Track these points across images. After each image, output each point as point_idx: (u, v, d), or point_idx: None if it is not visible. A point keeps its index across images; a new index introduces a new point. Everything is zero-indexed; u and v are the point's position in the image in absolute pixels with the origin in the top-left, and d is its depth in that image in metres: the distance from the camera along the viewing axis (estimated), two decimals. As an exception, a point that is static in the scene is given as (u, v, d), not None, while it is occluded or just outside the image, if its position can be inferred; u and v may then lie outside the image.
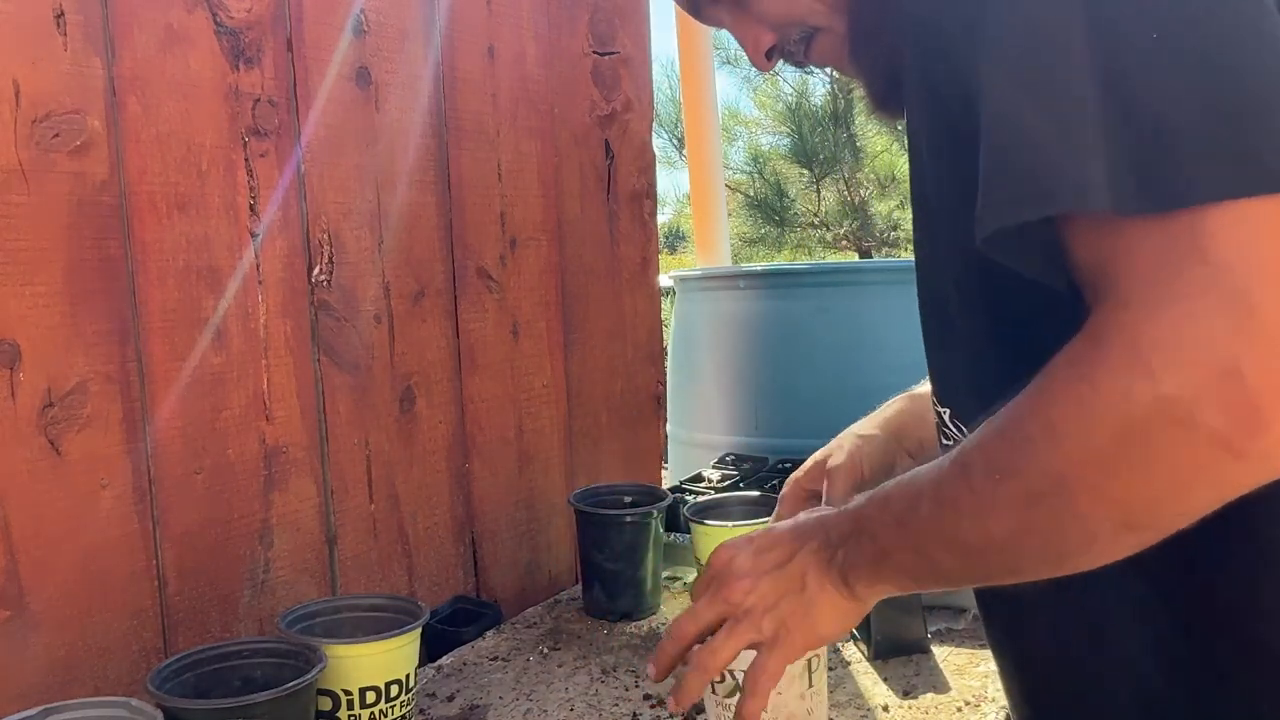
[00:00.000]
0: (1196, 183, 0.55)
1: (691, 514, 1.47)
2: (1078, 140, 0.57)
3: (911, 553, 0.74)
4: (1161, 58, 0.56)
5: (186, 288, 1.20)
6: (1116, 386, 0.57)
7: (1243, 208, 0.54)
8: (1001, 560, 0.68)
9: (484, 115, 1.63)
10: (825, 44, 0.86)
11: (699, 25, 4.03)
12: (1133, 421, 0.56)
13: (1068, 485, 0.60)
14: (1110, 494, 0.59)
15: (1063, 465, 0.60)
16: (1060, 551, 0.64)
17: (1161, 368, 0.55)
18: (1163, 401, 0.55)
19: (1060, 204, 0.58)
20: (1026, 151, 0.59)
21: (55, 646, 1.08)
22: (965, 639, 1.36)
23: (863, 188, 7.34)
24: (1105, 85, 0.57)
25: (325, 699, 1.08)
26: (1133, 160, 0.56)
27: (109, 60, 1.13)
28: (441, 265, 1.55)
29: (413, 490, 1.50)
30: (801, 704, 0.95)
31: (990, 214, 0.61)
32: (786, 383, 2.36)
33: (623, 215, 1.94)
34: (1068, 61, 0.58)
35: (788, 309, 2.41)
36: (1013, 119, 0.60)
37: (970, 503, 0.67)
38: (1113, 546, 0.62)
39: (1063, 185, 0.57)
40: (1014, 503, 0.63)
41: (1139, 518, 0.60)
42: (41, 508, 1.07)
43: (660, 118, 7.23)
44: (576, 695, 1.25)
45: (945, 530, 0.70)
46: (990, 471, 0.65)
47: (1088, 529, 0.61)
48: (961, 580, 0.75)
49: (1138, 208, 0.56)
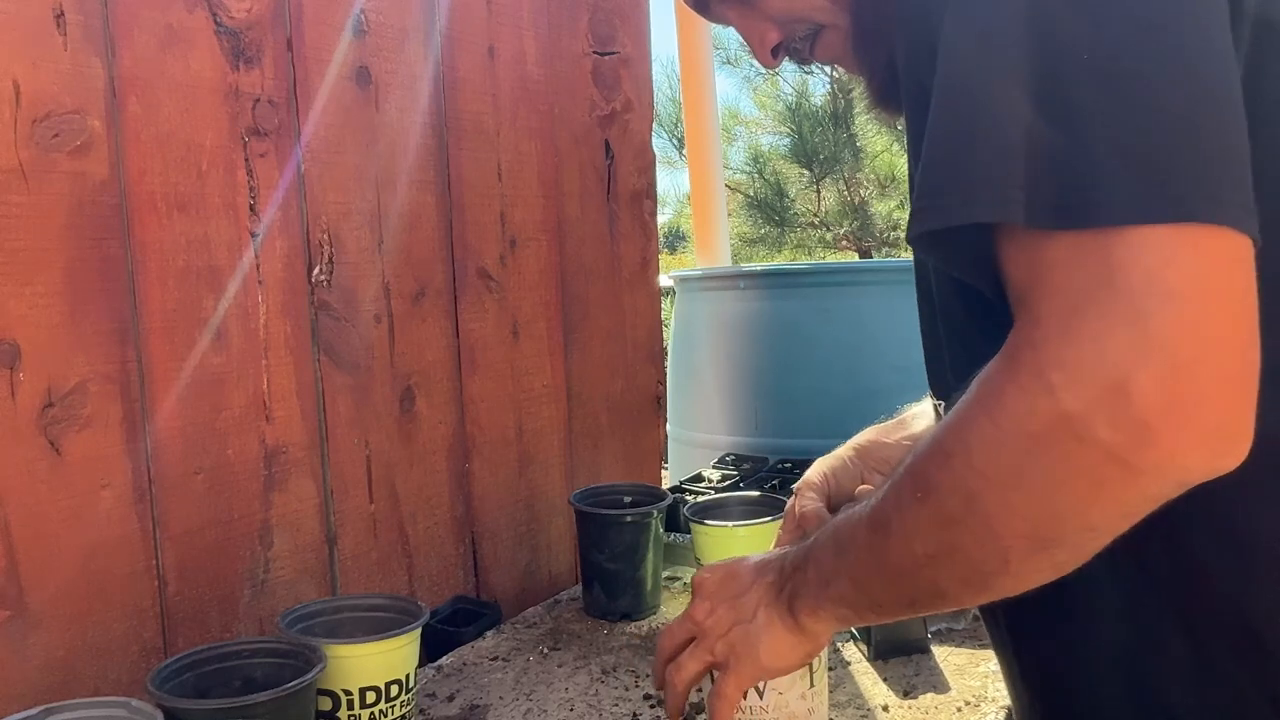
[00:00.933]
0: (1108, 204, 0.56)
1: (691, 514, 1.47)
2: (1004, 152, 0.58)
3: (847, 580, 0.76)
4: (1093, 77, 0.57)
5: (186, 288, 1.20)
6: (1021, 403, 0.58)
7: (1151, 233, 0.55)
8: (928, 583, 0.69)
9: (484, 115, 1.63)
10: (830, 40, 0.87)
11: (699, 25, 4.03)
12: (1035, 437, 0.58)
13: (979, 501, 0.62)
14: (1017, 509, 0.60)
15: (974, 481, 0.62)
16: (980, 571, 0.65)
17: (1061, 385, 0.56)
18: (1061, 417, 0.57)
19: (984, 214, 0.59)
20: (955, 158, 0.60)
21: (55, 646, 1.08)
22: (965, 639, 1.36)
23: (863, 188, 7.34)
24: (1038, 99, 0.58)
25: (325, 699, 1.08)
26: (1054, 176, 0.57)
27: (109, 60, 1.13)
28: (441, 265, 1.55)
29: (413, 490, 1.51)
30: (802, 704, 0.96)
31: (920, 216, 0.62)
32: (786, 383, 2.36)
33: (623, 215, 1.94)
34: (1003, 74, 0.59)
35: (788, 309, 2.42)
36: (948, 125, 0.61)
37: (897, 523, 0.69)
38: (1028, 566, 0.63)
39: (988, 195, 0.59)
40: (933, 521, 0.65)
41: (1047, 533, 0.61)
42: (41, 508, 1.07)
43: (660, 118, 7.24)
44: (576, 695, 1.25)
45: (875, 554, 0.71)
46: (914, 490, 0.66)
47: (1000, 546, 0.62)
48: (893, 607, 0.76)
49: (1054, 223, 0.57)
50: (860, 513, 0.74)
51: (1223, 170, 0.56)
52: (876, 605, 0.76)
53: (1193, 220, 0.55)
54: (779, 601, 0.83)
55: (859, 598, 0.76)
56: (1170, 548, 0.68)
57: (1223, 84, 0.57)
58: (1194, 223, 0.55)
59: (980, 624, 1.40)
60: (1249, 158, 0.57)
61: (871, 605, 0.76)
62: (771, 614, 0.83)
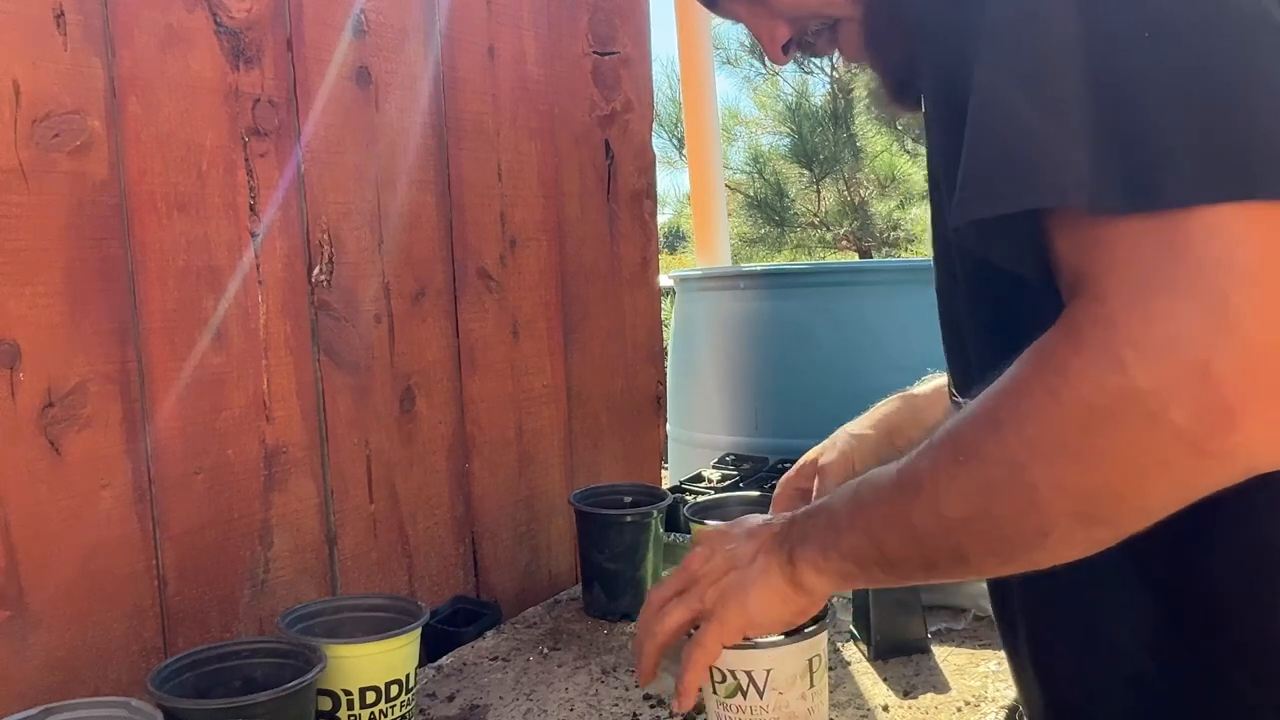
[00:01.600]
0: (1180, 185, 0.55)
1: (691, 514, 1.47)
2: (1062, 136, 0.57)
3: (861, 533, 0.74)
4: (1152, 58, 0.56)
5: (186, 288, 1.20)
6: (1088, 377, 0.57)
7: (1224, 211, 0.54)
8: (950, 547, 0.67)
9: (484, 115, 1.63)
10: (843, 35, 0.86)
11: (699, 25, 4.03)
12: (1101, 412, 0.57)
13: (1027, 472, 0.60)
14: (1070, 484, 0.59)
15: (1025, 452, 0.60)
16: (1012, 542, 0.64)
17: (1134, 362, 0.55)
18: (1133, 394, 0.55)
19: (1040, 199, 0.58)
20: (1010, 144, 0.59)
21: (55, 646, 1.08)
22: (965, 639, 1.36)
23: (863, 188, 7.34)
24: (1094, 82, 0.57)
25: (325, 699, 1.08)
26: (1117, 159, 0.56)
27: (109, 60, 1.13)
28: (441, 265, 1.55)
29: (413, 490, 1.51)
30: (803, 704, 0.95)
31: (967, 204, 0.61)
32: (786, 383, 2.37)
33: (623, 215, 1.94)
34: (1058, 57, 0.58)
35: (788, 309, 2.42)
36: (999, 111, 0.60)
37: (929, 484, 0.67)
38: (1067, 541, 0.62)
39: (1044, 181, 0.58)
40: (972, 485, 0.64)
41: (1097, 511, 0.60)
42: (41, 508, 1.07)
43: (660, 118, 7.24)
44: (576, 695, 1.25)
45: (899, 510, 0.70)
46: (955, 454, 0.65)
47: (1044, 519, 0.61)
48: (906, 567, 0.73)
49: (1120, 207, 0.56)
50: (887, 471, 0.72)
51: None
52: (888, 563, 0.73)
53: (1263, 197, 0.54)
54: (780, 549, 0.80)
55: (872, 552, 0.73)
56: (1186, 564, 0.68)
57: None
58: (1265, 200, 0.54)
59: (980, 624, 1.40)
60: None
61: (883, 562, 0.73)
62: (770, 560, 0.80)
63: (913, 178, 7.18)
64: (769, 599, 0.81)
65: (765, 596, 0.81)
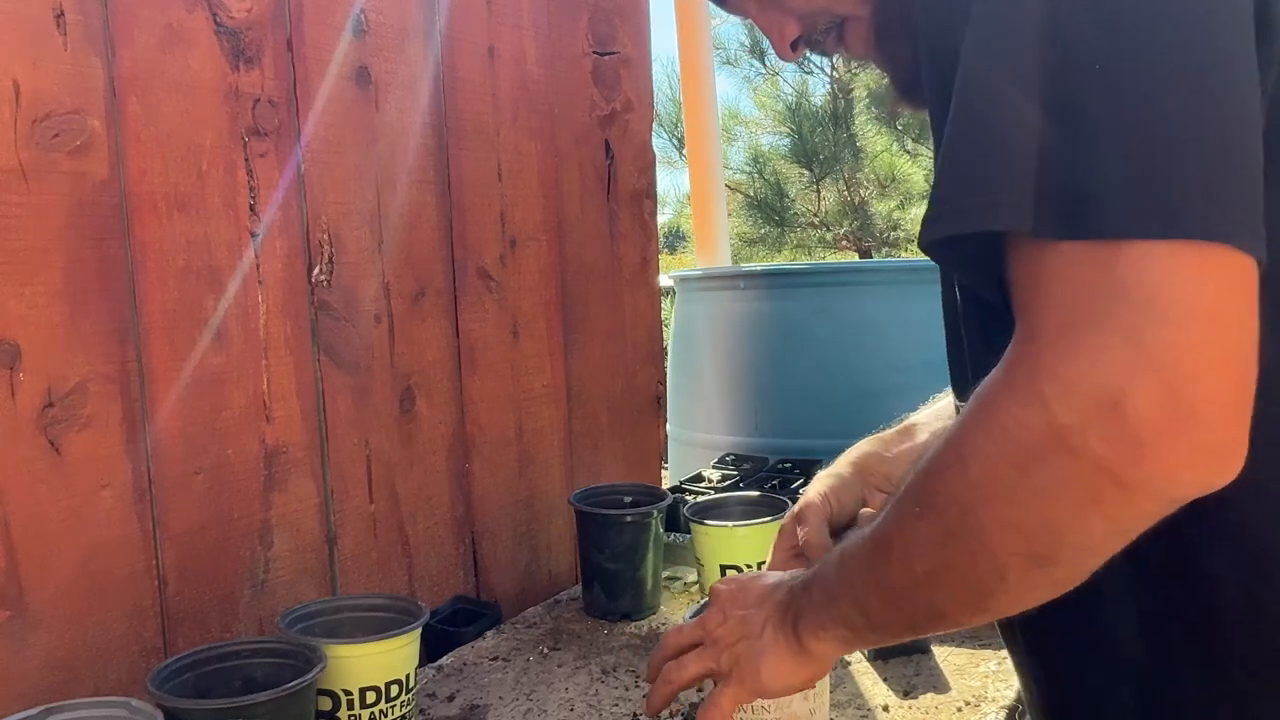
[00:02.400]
0: (1111, 216, 0.55)
1: (691, 514, 1.47)
2: (1014, 160, 0.58)
3: (848, 600, 0.76)
4: (1105, 87, 0.57)
5: (186, 288, 1.20)
6: (1014, 415, 0.58)
7: (1158, 248, 0.55)
8: (926, 603, 0.69)
9: (484, 115, 1.63)
10: (853, 33, 0.86)
11: (699, 25, 4.03)
12: (1029, 450, 0.58)
13: (974, 515, 0.61)
14: (1013, 523, 0.60)
15: (968, 494, 0.62)
16: (976, 590, 0.65)
17: (1055, 398, 0.56)
18: (1055, 430, 0.56)
19: (982, 223, 0.59)
20: (967, 166, 0.60)
21: (55, 646, 1.08)
22: (965, 639, 1.36)
23: (863, 188, 7.34)
24: (1048, 108, 0.57)
25: (325, 699, 1.08)
26: (1059, 186, 0.57)
27: (109, 60, 1.13)
28: (441, 265, 1.55)
29: (413, 490, 1.51)
30: (804, 704, 0.96)
31: (930, 224, 0.62)
32: (786, 383, 2.37)
33: (623, 215, 1.94)
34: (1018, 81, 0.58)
35: (788, 309, 2.42)
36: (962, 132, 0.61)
37: (898, 541, 0.68)
38: (1025, 583, 0.63)
39: (991, 204, 0.58)
40: (931, 537, 0.65)
41: (1043, 549, 0.60)
42: (41, 508, 1.07)
43: (660, 118, 7.24)
44: (576, 695, 1.25)
45: (876, 573, 0.71)
46: (913, 505, 0.66)
47: (997, 562, 0.62)
48: (893, 629, 0.76)
49: (1059, 234, 0.57)
50: (865, 532, 0.74)
51: (1231, 190, 0.56)
52: (877, 627, 0.75)
53: (1196, 238, 0.55)
54: (785, 623, 0.83)
55: (859, 619, 0.76)
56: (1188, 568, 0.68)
57: (1238, 105, 0.56)
58: (1197, 240, 0.55)
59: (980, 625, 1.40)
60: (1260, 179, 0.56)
61: (872, 627, 0.76)
62: (778, 635, 0.83)
63: (913, 178, 7.18)
64: (779, 669, 0.83)
65: (776, 667, 0.83)
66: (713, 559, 1.43)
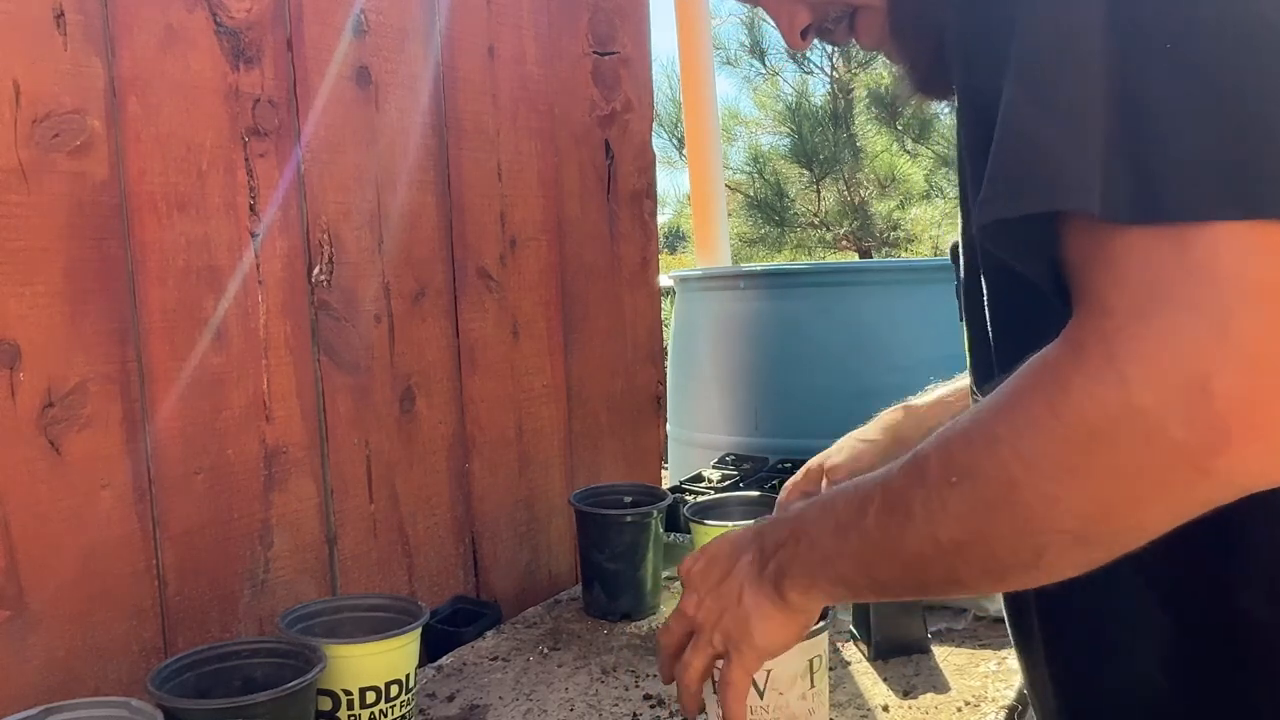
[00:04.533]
0: (1190, 198, 0.54)
1: (691, 514, 1.47)
2: (1080, 143, 0.57)
3: (850, 560, 0.74)
4: (1173, 70, 0.56)
5: (186, 288, 1.20)
6: (1089, 393, 0.56)
7: (1234, 229, 0.54)
8: (945, 570, 0.67)
9: (484, 115, 1.63)
10: (866, 22, 0.84)
11: (699, 25, 4.03)
12: (1100, 429, 0.56)
13: (1021, 491, 0.59)
14: (1066, 502, 0.58)
15: (1022, 470, 0.59)
16: (1006, 562, 0.63)
17: (1135, 378, 0.54)
18: (1132, 411, 0.55)
19: (1052, 203, 0.58)
20: (1029, 148, 0.59)
21: (55, 646, 1.08)
22: (965, 639, 1.36)
23: (863, 188, 7.34)
24: (1114, 91, 0.57)
25: (325, 699, 1.08)
26: (1131, 169, 0.56)
27: (109, 60, 1.13)
28: (441, 265, 1.55)
29: (413, 490, 1.50)
30: (803, 704, 0.96)
31: (988, 205, 0.60)
32: (786, 383, 2.36)
33: (623, 215, 1.94)
34: (1082, 65, 0.58)
35: (788, 309, 2.42)
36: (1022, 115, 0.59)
37: (921, 508, 0.66)
38: (1061, 560, 0.61)
39: (1058, 186, 0.57)
40: (966, 508, 0.63)
41: (1093, 530, 0.59)
42: (41, 508, 1.07)
43: (660, 118, 7.24)
44: (576, 695, 1.25)
45: (890, 538, 0.69)
46: (947, 473, 0.64)
47: (1038, 540, 0.61)
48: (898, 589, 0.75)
49: (1129, 217, 0.56)
50: (867, 492, 0.72)
51: None
52: (880, 586, 0.74)
53: (1273, 216, 0.54)
54: (762, 580, 0.81)
55: (862, 579, 0.74)
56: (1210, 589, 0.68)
57: None
58: (1275, 219, 0.54)
59: (980, 624, 1.40)
60: None
61: (874, 585, 0.74)
62: (758, 595, 0.81)
63: (912, 178, 7.18)
64: (770, 629, 0.82)
65: (766, 628, 0.82)
66: (713, 559, 1.43)
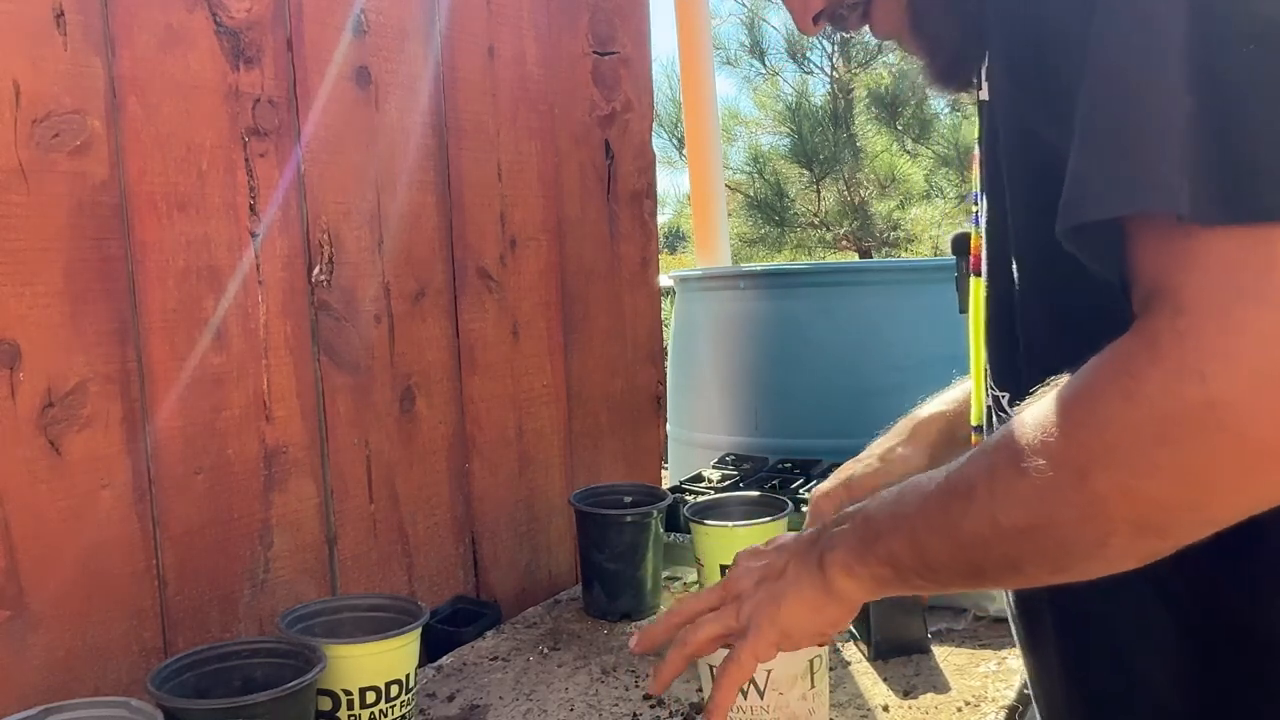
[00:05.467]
0: (1272, 199, 0.55)
1: (691, 514, 1.47)
2: (1167, 143, 0.57)
3: (902, 539, 0.72)
4: (1258, 72, 0.56)
5: (186, 288, 1.20)
6: (1166, 388, 0.56)
7: None
8: (1002, 554, 0.66)
9: (484, 115, 1.63)
10: (878, 10, 0.84)
11: (699, 25, 4.03)
12: (1177, 424, 0.56)
13: (1094, 479, 0.59)
14: (1137, 493, 0.58)
15: (1092, 460, 0.59)
16: (1068, 551, 0.63)
17: (1214, 374, 0.55)
18: (1211, 407, 0.55)
19: (1146, 204, 0.58)
20: (1114, 148, 0.59)
21: (55, 646, 1.08)
22: (965, 639, 1.36)
23: (863, 188, 7.34)
24: (1199, 90, 0.57)
25: (325, 699, 1.08)
26: (1216, 171, 0.56)
27: (109, 60, 1.13)
28: (441, 265, 1.55)
29: (413, 490, 1.50)
30: (803, 704, 0.96)
31: (1073, 207, 0.60)
32: (786, 383, 2.36)
33: (623, 215, 1.94)
34: (1165, 66, 0.57)
35: (788, 309, 2.41)
36: (1105, 113, 0.59)
37: (984, 490, 0.65)
38: (1125, 551, 0.61)
39: (1149, 187, 0.57)
40: (1033, 493, 0.62)
41: (1161, 521, 0.59)
42: (41, 508, 1.07)
43: (660, 118, 7.24)
44: (576, 695, 1.25)
45: (947, 516, 0.68)
46: (1015, 459, 0.63)
47: (1104, 528, 0.60)
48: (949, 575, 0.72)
49: (1214, 217, 0.56)
50: (932, 476, 0.71)
51: None
52: (930, 570, 0.71)
53: None
54: (809, 555, 0.78)
55: (912, 559, 0.72)
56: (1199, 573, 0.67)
57: None
58: None
59: (980, 624, 1.40)
60: None
61: (924, 569, 0.71)
62: (800, 570, 0.78)
63: (912, 178, 7.18)
64: (800, 610, 0.79)
65: (796, 608, 0.79)
66: (713, 559, 1.43)
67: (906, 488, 0.74)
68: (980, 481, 0.66)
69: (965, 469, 0.68)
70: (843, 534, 0.77)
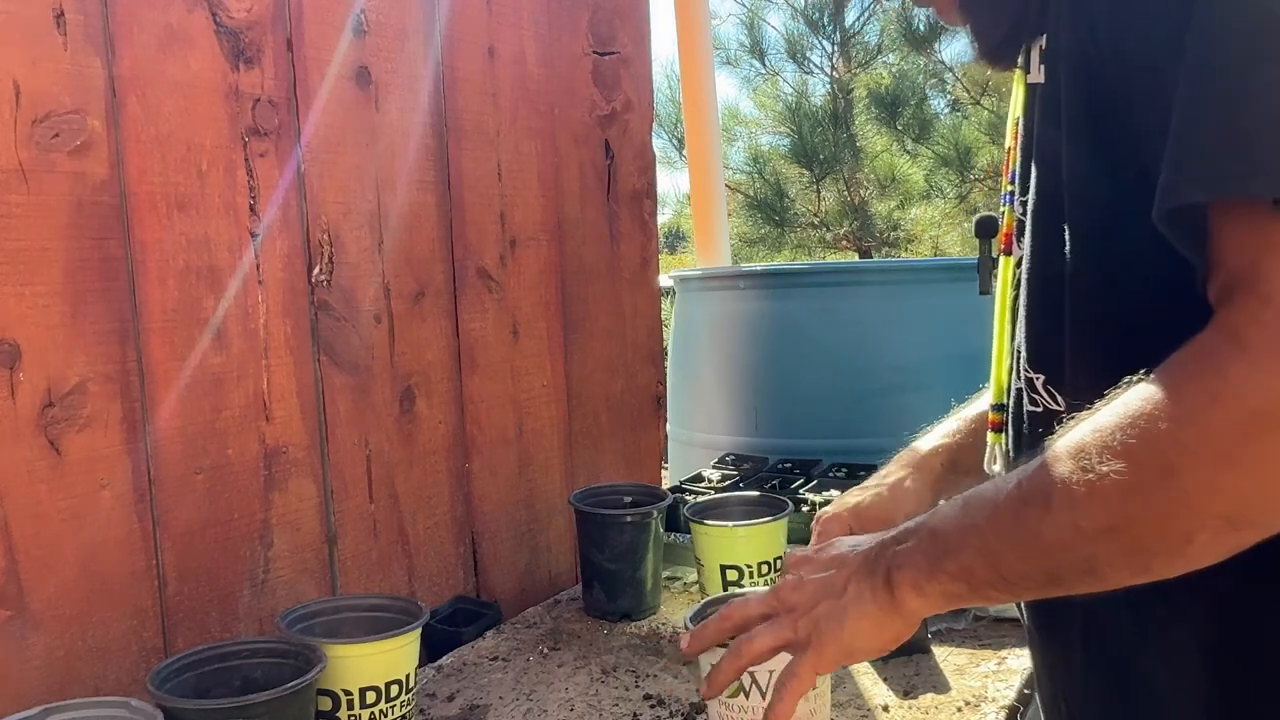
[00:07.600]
0: None
1: (691, 514, 1.47)
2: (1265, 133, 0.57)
3: (974, 552, 0.71)
4: None
5: (186, 288, 1.20)
6: (1254, 382, 0.56)
7: None
8: (1082, 558, 0.65)
9: (484, 115, 1.63)
10: None
11: (699, 25, 4.03)
12: (1266, 418, 0.56)
13: (1179, 477, 0.59)
14: (1225, 489, 0.58)
15: (1179, 455, 0.59)
16: (1153, 549, 0.62)
17: None
18: None
19: (1239, 190, 0.58)
20: (1215, 133, 0.59)
21: (55, 646, 1.08)
22: (965, 639, 1.36)
23: (863, 188, 7.34)
24: None
25: (325, 699, 1.08)
26: None
27: (109, 60, 1.13)
28: (441, 265, 1.55)
29: (413, 490, 1.50)
30: (804, 704, 0.95)
31: (1172, 189, 0.60)
32: (786, 383, 2.37)
33: (623, 215, 1.94)
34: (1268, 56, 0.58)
35: (787, 309, 2.42)
36: (1208, 97, 0.59)
37: (1062, 493, 0.64)
38: (1210, 546, 0.61)
39: (1247, 172, 0.57)
40: (1117, 494, 0.61)
41: (1249, 514, 0.59)
42: (41, 508, 1.07)
43: (660, 118, 7.24)
44: (576, 695, 1.25)
45: (1023, 524, 0.67)
46: (1094, 461, 0.62)
47: (1191, 525, 0.60)
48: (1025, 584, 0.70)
49: None
50: (999, 485, 0.70)
51: None
52: (1004, 581, 0.70)
53: None
54: (874, 574, 0.77)
55: (987, 571, 0.70)
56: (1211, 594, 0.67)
57: None
58: None
59: (980, 624, 1.40)
60: None
61: (999, 580, 0.70)
62: (863, 588, 0.77)
63: (912, 178, 7.18)
64: (865, 627, 0.78)
65: (861, 625, 0.78)
66: (713, 559, 1.43)
67: (971, 499, 0.73)
68: (1057, 487, 0.65)
69: (1037, 475, 0.67)
70: (908, 551, 0.76)
